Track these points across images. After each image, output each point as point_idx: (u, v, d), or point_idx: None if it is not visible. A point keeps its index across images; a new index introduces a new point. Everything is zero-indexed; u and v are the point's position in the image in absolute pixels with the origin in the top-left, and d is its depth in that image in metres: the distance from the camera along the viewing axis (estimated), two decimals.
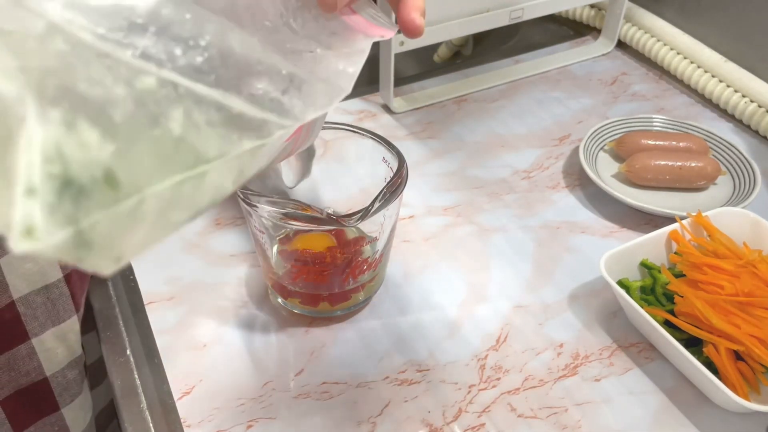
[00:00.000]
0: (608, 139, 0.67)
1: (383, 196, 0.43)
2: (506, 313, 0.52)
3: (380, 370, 0.47)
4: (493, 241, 0.58)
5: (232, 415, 0.44)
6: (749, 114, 0.71)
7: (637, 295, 0.51)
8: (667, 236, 0.53)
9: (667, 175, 0.62)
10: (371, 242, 0.47)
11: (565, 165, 0.67)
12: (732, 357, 0.45)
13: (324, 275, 0.47)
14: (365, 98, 0.75)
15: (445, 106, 0.75)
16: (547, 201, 0.62)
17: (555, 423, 0.44)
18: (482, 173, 0.66)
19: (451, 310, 0.52)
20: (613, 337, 0.50)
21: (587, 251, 0.57)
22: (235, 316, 0.51)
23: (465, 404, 0.45)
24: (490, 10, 0.71)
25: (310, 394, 0.46)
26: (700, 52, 0.76)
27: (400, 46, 0.68)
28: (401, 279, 0.54)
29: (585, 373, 0.47)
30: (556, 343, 0.49)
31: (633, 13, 0.83)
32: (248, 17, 0.24)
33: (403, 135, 0.70)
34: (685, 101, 0.76)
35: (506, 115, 0.74)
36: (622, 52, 0.84)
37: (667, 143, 0.65)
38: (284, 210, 0.42)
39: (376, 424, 0.44)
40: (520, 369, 0.48)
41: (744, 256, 0.49)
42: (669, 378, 0.47)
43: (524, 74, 0.80)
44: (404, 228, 0.59)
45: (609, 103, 0.76)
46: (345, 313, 0.51)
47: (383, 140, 0.48)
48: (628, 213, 0.61)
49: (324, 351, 0.49)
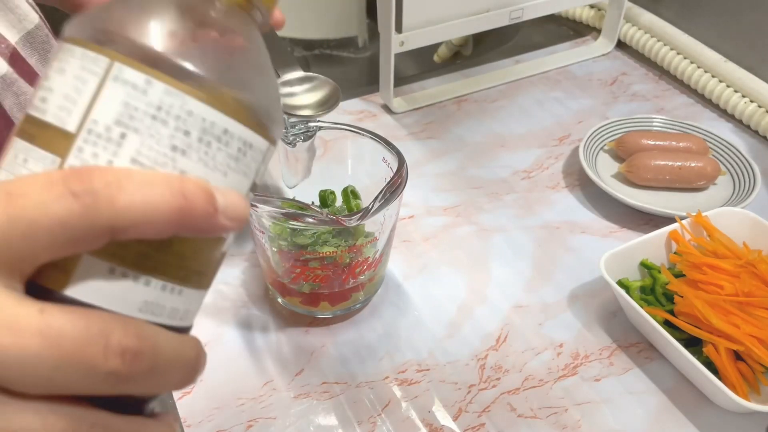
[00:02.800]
0: (608, 139, 0.67)
1: (383, 196, 0.43)
2: (506, 313, 0.52)
3: (380, 370, 0.47)
4: (492, 241, 0.58)
5: (232, 415, 0.44)
6: (749, 114, 0.71)
7: (637, 295, 0.51)
8: (667, 236, 0.53)
9: (667, 175, 0.62)
10: (371, 242, 0.47)
11: (565, 165, 0.67)
12: (732, 357, 0.45)
13: (324, 275, 0.47)
14: (365, 98, 0.75)
15: (445, 106, 0.75)
16: (547, 201, 0.62)
17: (555, 423, 0.44)
18: (482, 173, 0.66)
19: (451, 310, 0.52)
20: (613, 337, 0.50)
21: (587, 251, 0.57)
22: (235, 316, 0.51)
23: (465, 404, 0.45)
24: (490, 10, 0.71)
25: (310, 394, 0.46)
26: (700, 52, 0.76)
27: (400, 46, 0.68)
28: (401, 279, 0.54)
29: (585, 373, 0.47)
30: (555, 343, 0.49)
31: (633, 13, 0.83)
32: None
33: (403, 135, 0.70)
34: (684, 101, 0.76)
35: (506, 116, 0.74)
36: (621, 52, 0.84)
37: (667, 143, 0.65)
38: (284, 210, 0.42)
39: (376, 424, 0.44)
40: (520, 369, 0.48)
41: (744, 256, 0.49)
42: (669, 378, 0.47)
43: (524, 74, 0.80)
44: (404, 228, 0.59)
45: (609, 103, 0.76)
46: (345, 313, 0.51)
47: (383, 140, 0.48)
48: (628, 213, 0.61)
49: (324, 351, 0.49)
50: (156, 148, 0.20)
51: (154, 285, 0.20)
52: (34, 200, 0.18)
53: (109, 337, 0.18)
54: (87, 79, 0.20)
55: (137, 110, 0.20)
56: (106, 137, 0.20)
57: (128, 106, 0.20)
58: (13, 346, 0.17)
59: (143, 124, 0.20)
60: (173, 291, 0.21)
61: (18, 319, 0.18)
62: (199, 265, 0.22)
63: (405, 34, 0.67)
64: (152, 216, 0.19)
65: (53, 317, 0.18)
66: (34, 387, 0.18)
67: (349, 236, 0.47)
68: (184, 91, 0.20)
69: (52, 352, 0.18)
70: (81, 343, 0.18)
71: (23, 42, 0.37)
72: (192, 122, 0.21)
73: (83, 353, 0.18)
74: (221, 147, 0.21)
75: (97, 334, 0.18)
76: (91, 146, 0.20)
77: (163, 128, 0.20)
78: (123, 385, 0.19)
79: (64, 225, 0.18)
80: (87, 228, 0.18)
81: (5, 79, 0.34)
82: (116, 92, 0.20)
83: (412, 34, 0.68)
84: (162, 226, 0.19)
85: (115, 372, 0.18)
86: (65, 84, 0.21)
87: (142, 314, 0.20)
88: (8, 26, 0.36)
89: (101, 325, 0.18)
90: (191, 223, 0.20)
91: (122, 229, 0.19)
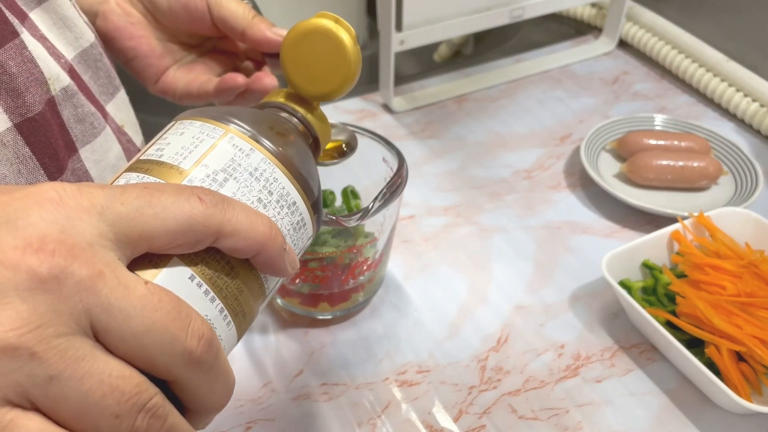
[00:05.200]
0: (610, 138, 0.67)
1: (383, 196, 0.42)
2: (507, 314, 0.51)
3: (380, 371, 0.47)
4: (493, 241, 0.58)
5: (231, 416, 0.44)
6: (751, 113, 0.70)
7: (639, 295, 0.50)
8: (669, 236, 0.52)
9: (669, 175, 0.61)
10: (371, 242, 0.47)
11: (566, 165, 0.66)
12: (734, 358, 0.45)
13: (324, 275, 0.47)
14: (365, 97, 0.75)
15: (445, 106, 0.75)
16: (548, 201, 0.62)
17: (556, 424, 0.44)
18: (483, 173, 0.65)
19: (451, 311, 0.52)
20: (615, 338, 0.50)
21: (588, 251, 0.57)
22: None
23: (465, 405, 0.45)
24: (490, 8, 0.71)
25: (310, 395, 0.46)
26: (702, 52, 0.75)
27: (400, 45, 0.68)
28: (401, 279, 0.54)
29: (586, 374, 0.47)
30: (557, 344, 0.49)
31: (634, 11, 0.83)
32: None
33: (403, 134, 0.70)
34: (686, 101, 0.76)
35: (507, 115, 0.73)
36: (623, 51, 0.84)
37: (669, 143, 0.64)
38: None
39: (375, 426, 0.44)
40: (521, 370, 0.47)
41: (746, 257, 0.49)
42: (670, 379, 0.47)
43: (525, 73, 0.80)
44: (404, 228, 0.59)
45: (610, 103, 0.75)
46: (345, 314, 0.51)
47: (383, 140, 0.48)
48: (630, 213, 0.61)
49: (323, 352, 0.48)
50: (247, 195, 0.26)
51: (216, 305, 0.24)
52: (170, 193, 0.22)
53: (192, 321, 0.21)
54: (204, 139, 0.26)
55: (240, 166, 0.26)
56: (212, 178, 0.25)
57: (233, 161, 0.26)
58: (123, 298, 0.20)
59: (242, 176, 0.26)
60: (225, 318, 0.25)
61: (128, 283, 0.20)
62: (247, 305, 0.26)
63: (405, 32, 0.67)
64: (250, 233, 0.23)
65: (156, 288, 0.21)
66: (122, 342, 0.20)
67: (349, 236, 0.47)
68: (275, 163, 0.27)
69: (149, 315, 0.20)
70: (172, 316, 0.21)
71: (78, 59, 0.39)
72: (275, 187, 0.27)
73: (172, 325, 0.21)
74: (289, 213, 0.27)
75: (185, 315, 0.21)
76: (199, 182, 0.25)
77: (255, 183, 0.26)
78: (191, 367, 0.21)
79: (188, 217, 0.22)
80: (203, 225, 0.22)
81: (67, 90, 0.36)
82: (226, 150, 0.26)
83: (412, 32, 0.68)
84: (252, 244, 0.24)
85: (190, 350, 0.21)
86: (184, 140, 0.26)
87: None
88: (66, 44, 0.38)
89: (188, 309, 0.22)
90: (270, 251, 0.24)
91: (226, 234, 0.23)
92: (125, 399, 0.20)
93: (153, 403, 0.20)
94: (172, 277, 0.23)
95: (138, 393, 0.20)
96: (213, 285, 0.24)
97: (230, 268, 0.25)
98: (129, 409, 0.20)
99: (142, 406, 0.20)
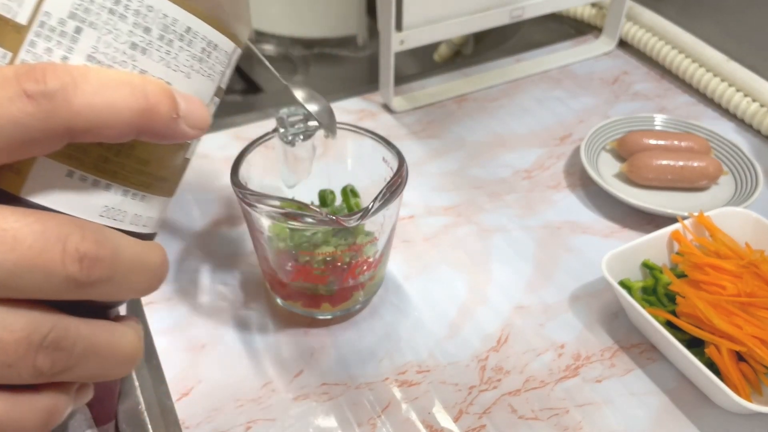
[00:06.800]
0: (609, 138, 0.67)
1: (383, 195, 0.42)
2: (507, 314, 0.51)
3: (380, 371, 0.47)
4: (493, 241, 0.58)
5: (231, 416, 0.44)
6: (751, 113, 0.70)
7: (639, 295, 0.50)
8: (669, 236, 0.52)
9: (669, 175, 0.61)
10: (371, 242, 0.47)
11: (566, 165, 0.66)
12: (734, 358, 0.45)
13: (324, 275, 0.47)
14: (365, 97, 0.75)
15: (445, 106, 0.75)
16: (548, 201, 0.62)
17: (556, 424, 0.44)
18: (482, 173, 0.65)
19: (451, 311, 0.52)
20: (615, 338, 0.50)
21: (588, 251, 0.57)
22: (234, 316, 0.51)
23: (465, 405, 0.45)
24: (490, 8, 0.71)
25: (310, 395, 0.46)
26: (702, 51, 0.75)
27: (400, 45, 0.68)
28: (401, 279, 0.54)
29: (586, 374, 0.47)
30: (557, 344, 0.49)
31: (635, 11, 0.83)
32: None
33: (403, 134, 0.70)
34: (687, 101, 0.76)
35: (507, 115, 0.73)
36: (623, 51, 0.84)
37: (669, 143, 0.64)
38: (283, 210, 0.42)
39: (375, 426, 0.44)
40: (521, 370, 0.47)
41: (746, 257, 0.49)
42: (671, 379, 0.47)
43: (525, 73, 0.80)
44: (404, 228, 0.59)
45: (610, 103, 0.75)
46: (344, 314, 0.51)
47: (383, 140, 0.48)
48: (630, 213, 0.61)
49: (323, 352, 0.48)
50: (114, 45, 0.19)
51: (114, 190, 0.20)
52: None
53: (67, 242, 0.18)
54: None
55: (93, 3, 0.19)
56: (60, 31, 0.19)
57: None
58: None
59: (100, 18, 0.19)
60: (135, 197, 0.21)
61: None
62: (162, 172, 0.21)
63: (405, 32, 0.67)
64: (112, 119, 0.18)
65: (7, 220, 0.17)
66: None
67: (349, 236, 0.47)
68: None
69: (7, 257, 0.17)
70: (38, 247, 0.17)
71: None
72: (152, 18, 0.20)
73: (40, 258, 0.17)
74: (184, 46, 0.20)
75: (54, 239, 0.18)
76: (44, 41, 0.19)
77: (122, 23, 0.19)
78: (82, 291, 0.19)
79: (18, 126, 0.17)
80: (42, 130, 0.17)
81: None
82: None
83: (412, 32, 0.68)
84: (122, 130, 0.18)
85: (73, 277, 0.18)
86: None
87: (103, 220, 0.20)
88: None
89: (58, 229, 0.18)
90: (152, 128, 0.19)
91: (80, 132, 0.18)
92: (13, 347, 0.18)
93: (51, 338, 0.18)
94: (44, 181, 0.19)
95: (28, 335, 0.18)
96: (102, 172, 0.20)
97: (119, 148, 0.20)
98: (23, 354, 0.18)
99: (38, 345, 0.18)
